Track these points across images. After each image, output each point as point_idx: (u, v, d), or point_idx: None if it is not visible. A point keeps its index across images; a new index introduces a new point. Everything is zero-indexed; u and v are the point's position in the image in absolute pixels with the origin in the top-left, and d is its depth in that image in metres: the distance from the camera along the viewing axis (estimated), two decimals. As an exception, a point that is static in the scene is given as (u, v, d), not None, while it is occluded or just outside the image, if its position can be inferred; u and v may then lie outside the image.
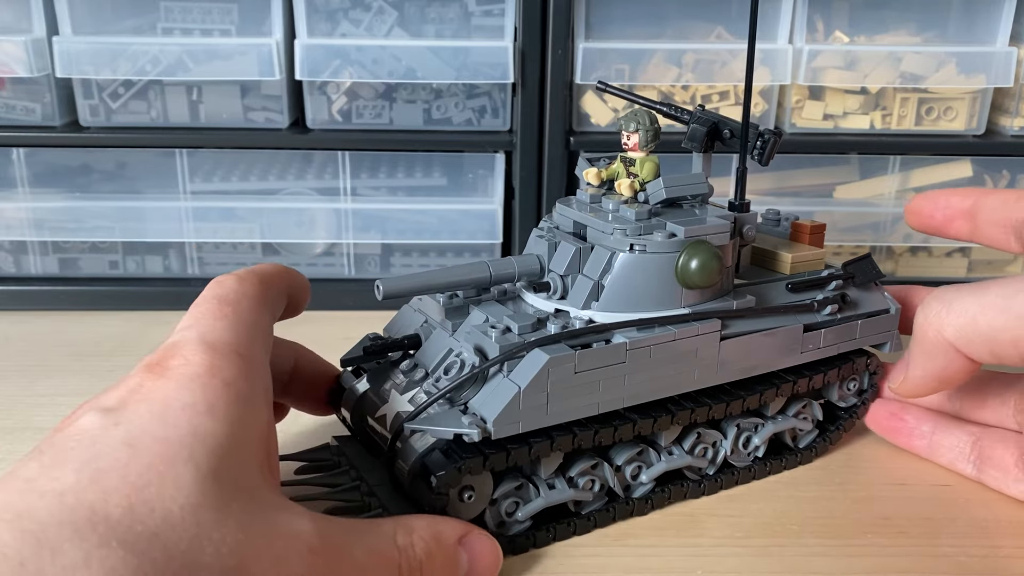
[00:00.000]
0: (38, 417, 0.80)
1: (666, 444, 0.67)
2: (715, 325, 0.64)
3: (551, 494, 0.62)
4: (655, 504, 0.67)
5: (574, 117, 1.01)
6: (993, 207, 0.70)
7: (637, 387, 0.62)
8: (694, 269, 0.62)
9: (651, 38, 0.99)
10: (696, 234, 0.63)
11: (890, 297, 0.74)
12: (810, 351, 0.70)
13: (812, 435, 0.75)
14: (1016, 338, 0.58)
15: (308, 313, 1.02)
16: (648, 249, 0.63)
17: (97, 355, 0.93)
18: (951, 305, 0.61)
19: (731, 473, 0.70)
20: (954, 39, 1.00)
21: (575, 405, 0.60)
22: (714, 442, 0.69)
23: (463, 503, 0.60)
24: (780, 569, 0.62)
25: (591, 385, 0.61)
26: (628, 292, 0.63)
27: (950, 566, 0.62)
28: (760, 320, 0.67)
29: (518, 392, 0.58)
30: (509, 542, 0.62)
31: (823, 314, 0.70)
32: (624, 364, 0.61)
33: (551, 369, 0.58)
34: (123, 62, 0.96)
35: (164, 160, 1.03)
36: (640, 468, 0.66)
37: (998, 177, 1.04)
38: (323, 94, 1.01)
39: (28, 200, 1.03)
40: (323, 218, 1.05)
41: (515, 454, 0.59)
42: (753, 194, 1.03)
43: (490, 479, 0.61)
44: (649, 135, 0.67)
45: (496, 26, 0.98)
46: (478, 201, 1.05)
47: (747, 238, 0.70)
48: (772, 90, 1.00)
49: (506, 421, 0.58)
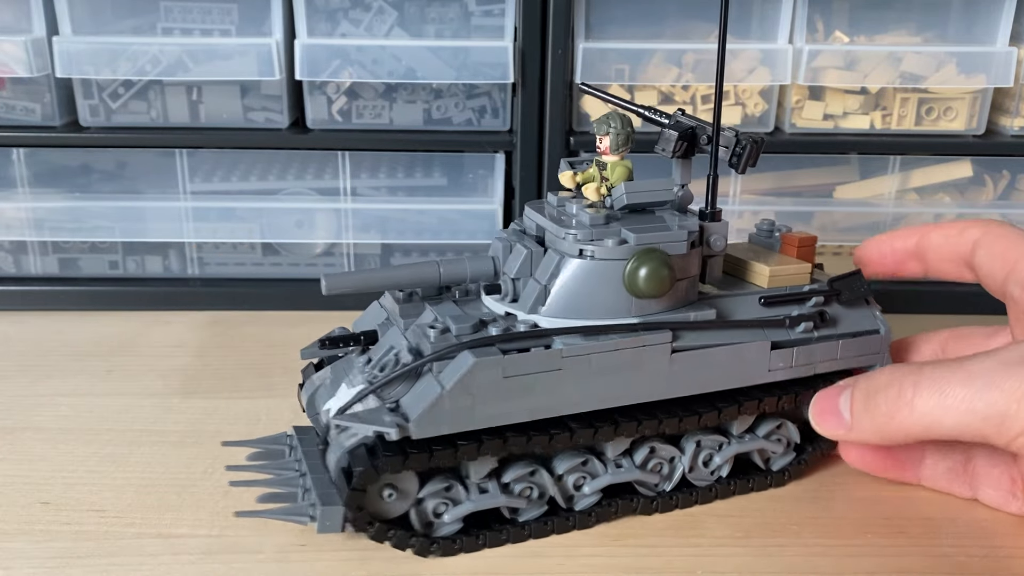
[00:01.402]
0: (38, 417, 0.80)
1: (613, 456, 0.65)
2: (665, 337, 0.62)
3: (481, 498, 0.62)
4: (599, 518, 0.65)
5: (574, 117, 1.01)
6: (938, 244, 0.70)
7: (576, 395, 0.61)
8: (642, 277, 0.60)
9: (651, 38, 0.99)
10: (647, 242, 0.61)
11: (881, 317, 0.71)
12: (780, 370, 0.67)
13: (787, 458, 0.71)
14: (984, 437, 0.55)
15: (308, 313, 1.03)
16: (596, 255, 0.61)
17: (97, 355, 0.93)
18: (913, 404, 0.57)
19: (689, 492, 0.68)
20: (954, 39, 1.00)
21: (505, 410, 0.59)
22: (671, 458, 0.67)
23: (384, 501, 0.60)
24: (780, 569, 0.62)
25: (523, 390, 0.59)
26: (575, 298, 0.62)
27: (950, 566, 0.62)
28: (720, 334, 0.65)
29: (441, 393, 0.57)
30: (434, 544, 0.61)
31: (797, 331, 0.67)
32: (560, 371, 0.60)
33: (477, 372, 0.58)
34: (123, 62, 0.96)
35: (164, 160, 1.03)
36: (584, 479, 0.65)
37: (998, 177, 1.04)
38: (323, 94, 1.01)
39: (28, 200, 1.03)
40: (323, 218, 1.05)
41: (438, 455, 0.59)
42: (753, 194, 1.04)
43: (415, 478, 0.61)
44: (620, 138, 0.65)
45: (496, 26, 0.98)
46: (478, 201, 1.05)
47: (714, 248, 0.67)
48: (772, 90, 1.00)
49: (428, 422, 0.58)
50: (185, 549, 0.63)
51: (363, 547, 0.63)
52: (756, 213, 1.04)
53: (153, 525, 0.65)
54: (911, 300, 1.06)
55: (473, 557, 0.62)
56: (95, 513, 0.67)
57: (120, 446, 0.76)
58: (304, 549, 0.63)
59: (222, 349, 0.95)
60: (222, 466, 0.72)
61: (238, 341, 0.97)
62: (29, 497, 0.68)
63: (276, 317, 1.03)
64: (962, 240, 0.69)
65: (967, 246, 0.68)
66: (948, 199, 1.05)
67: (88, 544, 0.63)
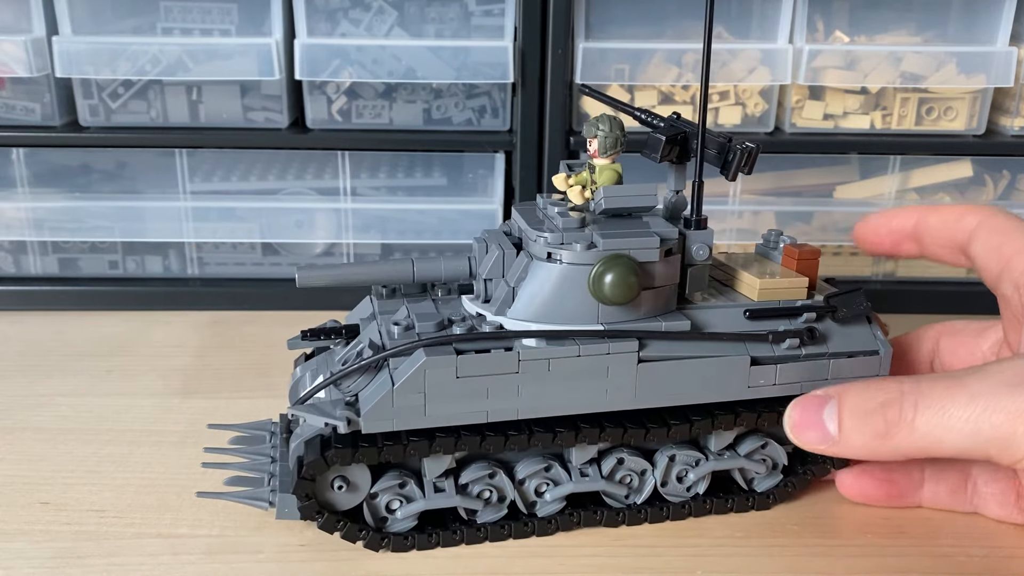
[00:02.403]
0: (38, 417, 0.80)
1: (578, 464, 0.64)
2: (631, 346, 0.61)
3: (435, 498, 0.62)
4: (560, 526, 0.65)
5: (574, 117, 1.01)
6: (935, 229, 0.68)
7: (535, 400, 0.60)
8: (607, 284, 0.59)
9: (651, 38, 0.99)
10: (616, 247, 0.60)
11: (882, 338, 0.66)
12: (761, 387, 0.64)
13: (773, 479, 0.68)
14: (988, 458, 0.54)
15: (308, 313, 1.03)
16: (564, 259, 0.60)
17: (97, 355, 0.93)
18: (913, 424, 0.54)
19: (660, 507, 0.66)
20: (954, 39, 1.00)
21: (459, 410, 0.59)
22: (643, 471, 0.66)
23: (334, 492, 0.61)
24: (780, 569, 0.62)
25: (478, 392, 0.59)
26: (541, 301, 0.61)
27: (950, 566, 0.62)
28: (694, 346, 0.62)
29: (391, 389, 0.58)
30: (385, 539, 0.62)
31: (782, 348, 0.64)
32: (517, 374, 0.59)
33: (427, 371, 0.58)
34: (123, 62, 0.96)
35: (164, 160, 1.03)
36: (548, 485, 0.64)
37: (998, 177, 1.04)
38: (323, 94, 1.00)
39: (28, 200, 1.03)
40: (323, 218, 1.04)
41: (388, 450, 0.59)
42: (753, 194, 1.04)
43: (367, 472, 0.61)
44: (608, 141, 0.63)
45: (496, 26, 0.98)
46: (478, 201, 1.05)
47: (696, 258, 0.64)
48: (772, 90, 1.00)
49: (377, 417, 0.58)
50: (185, 549, 0.63)
51: (363, 548, 0.63)
52: (756, 213, 1.04)
53: (153, 525, 0.65)
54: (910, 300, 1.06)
55: (473, 557, 0.62)
56: (95, 513, 0.67)
57: (120, 446, 0.76)
58: (304, 549, 0.63)
59: (222, 349, 0.95)
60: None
61: (238, 341, 0.97)
62: (29, 497, 0.68)
63: (276, 317, 1.03)
64: (959, 228, 0.67)
65: (963, 234, 0.67)
66: (948, 199, 1.05)
67: (88, 544, 0.63)
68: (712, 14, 0.60)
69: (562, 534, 0.65)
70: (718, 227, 1.03)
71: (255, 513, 0.66)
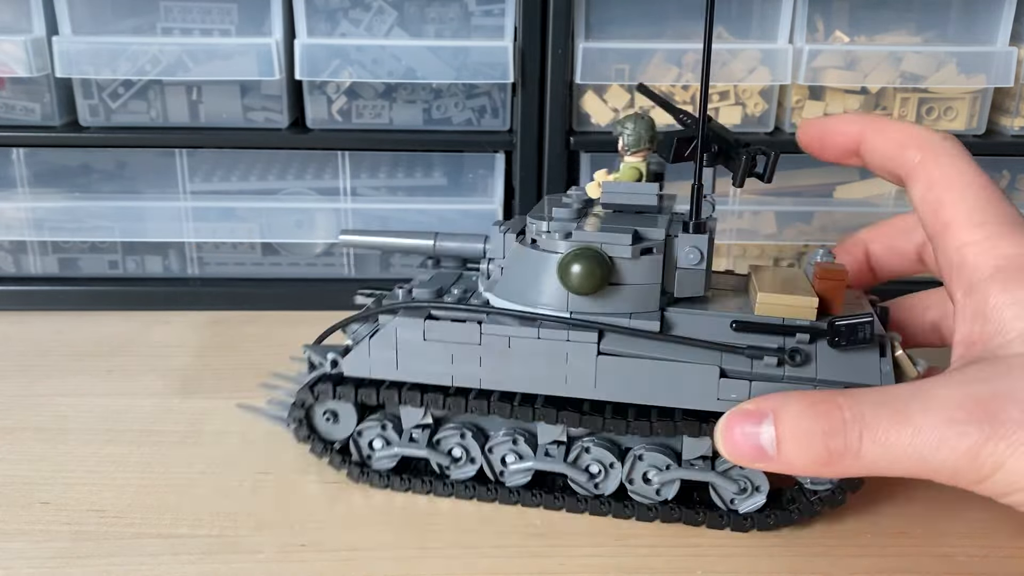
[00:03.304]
0: (38, 417, 0.80)
1: (543, 442, 0.67)
2: (590, 337, 0.62)
3: (408, 445, 0.69)
4: (523, 501, 0.67)
5: (574, 117, 1.01)
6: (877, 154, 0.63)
7: (496, 373, 0.65)
8: (571, 273, 0.60)
9: (651, 38, 0.99)
10: (587, 240, 0.62)
11: (889, 372, 0.61)
12: (732, 401, 0.61)
13: (755, 502, 0.65)
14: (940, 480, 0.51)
15: (308, 313, 1.03)
16: (542, 245, 0.63)
17: (97, 355, 0.93)
18: (859, 453, 0.51)
19: (624, 504, 0.66)
20: (954, 39, 1.00)
21: (427, 369, 0.66)
22: (611, 463, 0.66)
23: (326, 423, 0.70)
24: (780, 569, 0.62)
25: (443, 356, 0.65)
26: (518, 283, 0.65)
27: (950, 566, 0.62)
28: (660, 347, 0.62)
29: (366, 341, 0.66)
30: (365, 474, 0.70)
31: (761, 364, 0.61)
32: (480, 347, 0.64)
33: (398, 329, 0.65)
34: (123, 62, 0.96)
35: (164, 160, 1.03)
36: (514, 457, 0.68)
37: (998, 177, 1.04)
38: (323, 94, 1.01)
39: (28, 200, 1.03)
40: (323, 218, 1.05)
41: (362, 393, 0.67)
42: (753, 194, 1.04)
43: (353, 411, 0.70)
44: (631, 140, 0.65)
45: (496, 26, 0.98)
46: (478, 201, 1.05)
47: (685, 261, 0.63)
48: (772, 90, 1.00)
49: (355, 363, 0.67)
50: (185, 549, 0.63)
51: (363, 547, 0.63)
52: (756, 213, 1.04)
53: (153, 525, 0.65)
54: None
55: (473, 557, 0.62)
56: (95, 513, 0.67)
57: (120, 446, 0.76)
58: (304, 549, 0.63)
59: (222, 349, 0.95)
60: (222, 466, 0.73)
61: (238, 341, 0.97)
62: (29, 497, 0.68)
63: (276, 317, 1.03)
64: (900, 161, 0.61)
65: (903, 170, 0.61)
66: (948, 199, 1.04)
67: (88, 544, 0.63)
68: (712, 16, 0.60)
69: (562, 534, 0.65)
70: (718, 227, 1.03)
71: (255, 513, 0.66)
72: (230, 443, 0.76)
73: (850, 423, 0.51)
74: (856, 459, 0.52)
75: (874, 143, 0.63)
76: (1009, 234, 0.55)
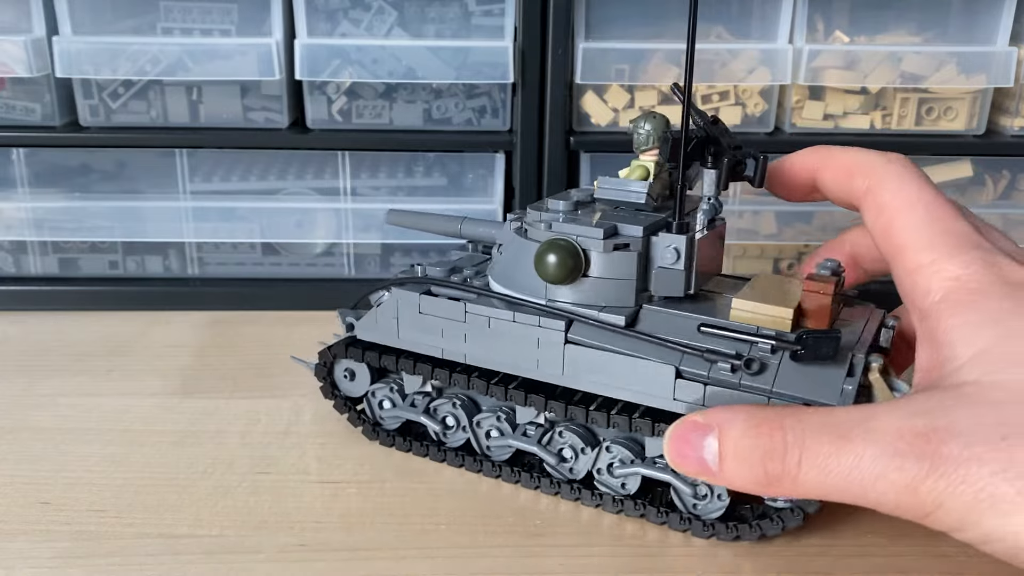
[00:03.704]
0: (38, 417, 0.80)
1: (520, 421, 0.69)
2: (558, 325, 0.64)
3: (408, 409, 0.74)
4: (503, 476, 0.70)
5: (574, 117, 1.01)
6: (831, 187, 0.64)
7: (477, 350, 0.68)
8: (544, 263, 0.63)
9: (651, 38, 0.99)
10: (562, 232, 0.64)
11: (851, 392, 0.58)
12: (687, 403, 0.61)
13: (716, 507, 0.64)
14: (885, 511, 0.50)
15: (308, 313, 1.03)
16: (529, 235, 0.66)
17: (97, 355, 0.94)
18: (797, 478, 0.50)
19: (592, 492, 0.67)
20: (954, 39, 1.00)
21: (422, 340, 0.70)
22: (582, 449, 0.67)
23: (345, 381, 0.77)
24: (780, 569, 0.62)
25: (435, 330, 0.69)
26: (509, 269, 0.68)
27: (950, 566, 0.62)
28: (624, 341, 0.63)
29: (375, 309, 0.72)
30: (377, 431, 0.75)
31: (715, 369, 0.60)
32: (464, 324, 0.68)
33: (399, 301, 0.71)
34: (123, 62, 0.97)
35: (164, 160, 1.03)
36: (496, 433, 0.71)
37: (998, 177, 1.04)
38: (323, 94, 1.01)
39: (28, 200, 1.03)
40: (323, 218, 1.05)
41: (368, 355, 0.73)
42: (753, 194, 1.04)
43: (366, 371, 0.75)
44: (640, 139, 0.67)
45: (496, 26, 0.98)
46: (478, 201, 1.05)
47: (661, 260, 0.63)
48: (772, 90, 1.00)
49: (366, 328, 0.73)
50: (185, 549, 0.63)
51: (363, 547, 0.63)
52: (756, 213, 1.04)
53: (153, 525, 0.65)
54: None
55: (472, 557, 0.62)
56: (95, 513, 0.67)
57: (120, 446, 0.76)
58: (304, 549, 0.63)
59: (222, 349, 0.95)
60: (222, 466, 0.73)
61: (238, 341, 0.97)
62: (29, 497, 0.68)
63: (276, 317, 1.03)
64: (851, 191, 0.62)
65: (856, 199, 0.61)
66: (948, 199, 1.05)
67: (88, 544, 0.63)
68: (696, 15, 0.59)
69: (562, 534, 0.65)
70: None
71: (255, 513, 0.66)
72: (230, 443, 0.76)
73: (791, 446, 0.50)
74: (794, 483, 0.50)
75: (825, 176, 0.64)
76: (958, 254, 0.54)
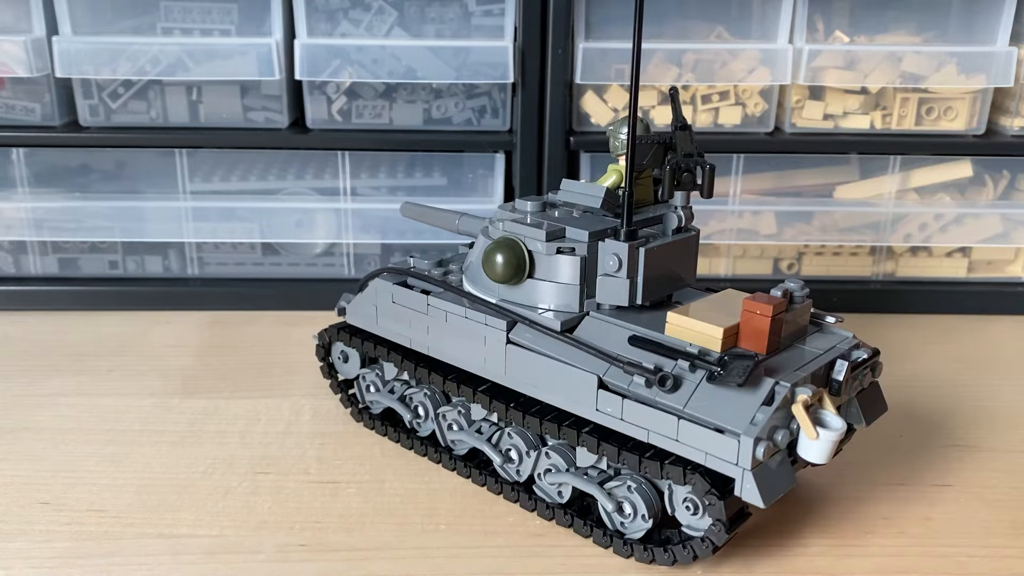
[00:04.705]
0: (38, 417, 0.80)
1: (475, 417, 0.70)
2: (500, 324, 0.65)
3: (385, 395, 0.76)
4: (459, 471, 0.71)
5: (574, 117, 1.01)
6: None
7: (437, 342, 0.70)
8: (489, 261, 0.64)
9: (651, 38, 0.99)
10: (509, 232, 0.65)
11: (764, 424, 0.54)
12: (608, 416, 0.60)
13: (639, 528, 0.62)
14: None
15: (308, 313, 1.03)
16: (490, 234, 0.67)
17: (97, 355, 0.94)
18: None
19: (529, 497, 0.66)
20: (954, 39, 1.00)
21: (395, 329, 0.73)
22: (527, 451, 0.67)
23: (340, 363, 0.80)
24: (780, 569, 0.62)
25: (404, 320, 0.72)
26: (474, 268, 0.69)
27: (950, 566, 0.62)
28: (559, 347, 0.63)
29: (360, 295, 0.75)
30: (364, 415, 0.78)
31: (633, 383, 0.59)
32: (427, 316, 0.70)
33: (377, 289, 0.73)
34: (123, 62, 0.96)
35: (164, 160, 1.03)
36: (456, 427, 0.72)
37: (998, 177, 1.04)
38: (323, 94, 1.01)
39: (28, 200, 1.03)
40: (323, 218, 1.05)
41: (352, 341, 0.76)
42: (754, 194, 1.04)
43: (358, 356, 0.78)
44: (617, 144, 0.67)
45: (496, 26, 0.98)
46: (478, 201, 1.05)
47: (604, 267, 0.62)
48: (772, 90, 1.00)
49: (353, 313, 0.77)
50: (185, 549, 0.63)
51: (363, 547, 0.63)
52: (756, 213, 1.04)
53: (153, 525, 0.65)
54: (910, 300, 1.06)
55: (472, 557, 0.62)
56: (95, 513, 0.67)
57: (120, 446, 0.76)
58: (304, 549, 0.63)
59: (222, 349, 0.95)
60: (222, 466, 0.73)
61: (238, 341, 0.98)
62: (29, 497, 0.68)
63: (276, 317, 1.03)
64: None
65: None
66: (948, 199, 1.05)
67: (88, 544, 0.63)
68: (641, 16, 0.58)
69: (562, 534, 0.65)
70: (718, 227, 1.03)
71: (255, 513, 0.66)
72: (230, 443, 0.76)
73: None
74: None
75: None
76: None
